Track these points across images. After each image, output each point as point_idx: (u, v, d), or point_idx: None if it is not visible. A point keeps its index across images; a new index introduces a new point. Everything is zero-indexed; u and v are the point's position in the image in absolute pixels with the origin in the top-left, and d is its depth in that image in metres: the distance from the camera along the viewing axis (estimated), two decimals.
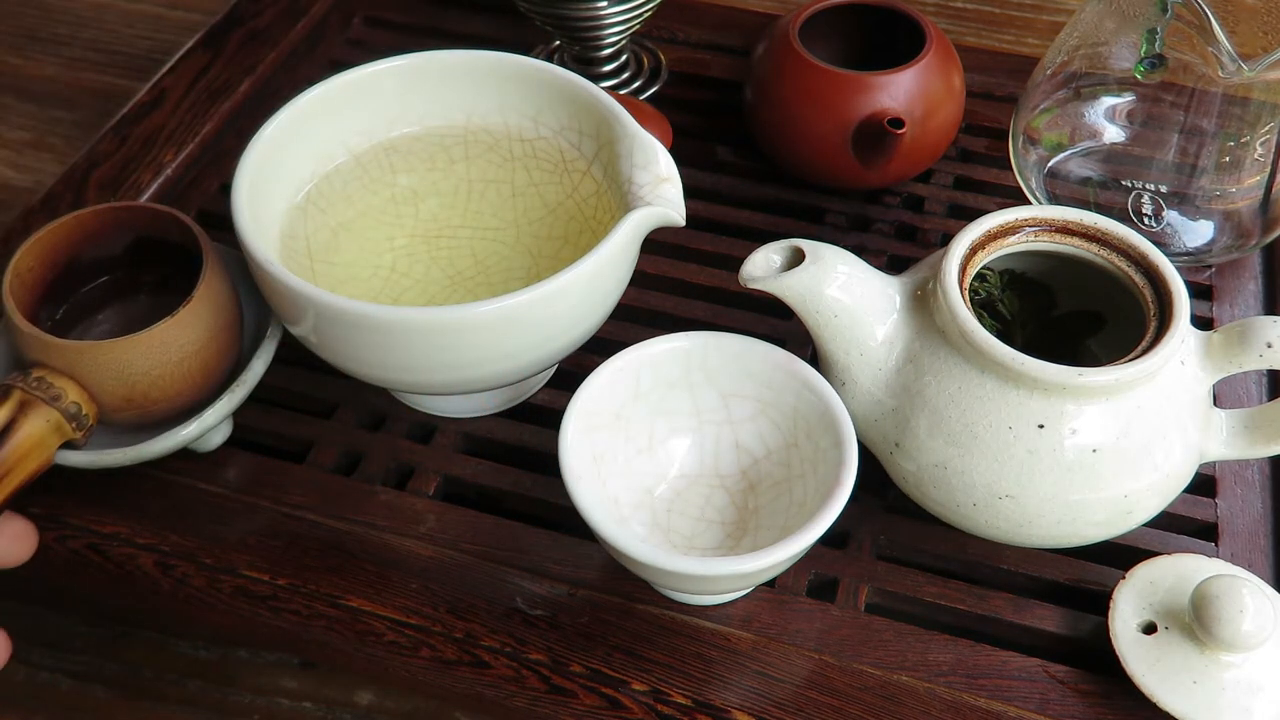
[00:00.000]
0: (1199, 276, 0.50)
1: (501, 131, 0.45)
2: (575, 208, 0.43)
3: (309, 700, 0.42)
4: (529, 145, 0.44)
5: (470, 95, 0.44)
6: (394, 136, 0.45)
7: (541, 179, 0.44)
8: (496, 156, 0.45)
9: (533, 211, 0.44)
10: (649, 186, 0.38)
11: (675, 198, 0.38)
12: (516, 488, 0.42)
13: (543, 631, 0.38)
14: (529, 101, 0.44)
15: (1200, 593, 0.35)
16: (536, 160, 0.44)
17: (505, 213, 0.44)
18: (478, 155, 0.45)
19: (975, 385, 0.36)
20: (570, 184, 0.44)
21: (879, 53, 0.53)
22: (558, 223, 0.43)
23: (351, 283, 0.42)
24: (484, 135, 0.45)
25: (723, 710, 0.36)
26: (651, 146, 0.39)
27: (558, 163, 0.44)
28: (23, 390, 0.37)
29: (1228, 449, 0.38)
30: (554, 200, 0.44)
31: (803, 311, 0.38)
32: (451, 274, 0.43)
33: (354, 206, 0.44)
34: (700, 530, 0.39)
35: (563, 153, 0.44)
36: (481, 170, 0.45)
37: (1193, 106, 0.46)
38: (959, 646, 0.38)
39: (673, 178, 0.38)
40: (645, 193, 0.37)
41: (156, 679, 0.43)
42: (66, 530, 0.41)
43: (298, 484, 0.42)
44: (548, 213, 0.44)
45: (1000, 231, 0.39)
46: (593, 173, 0.43)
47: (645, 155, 0.39)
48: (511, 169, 0.45)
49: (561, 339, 0.38)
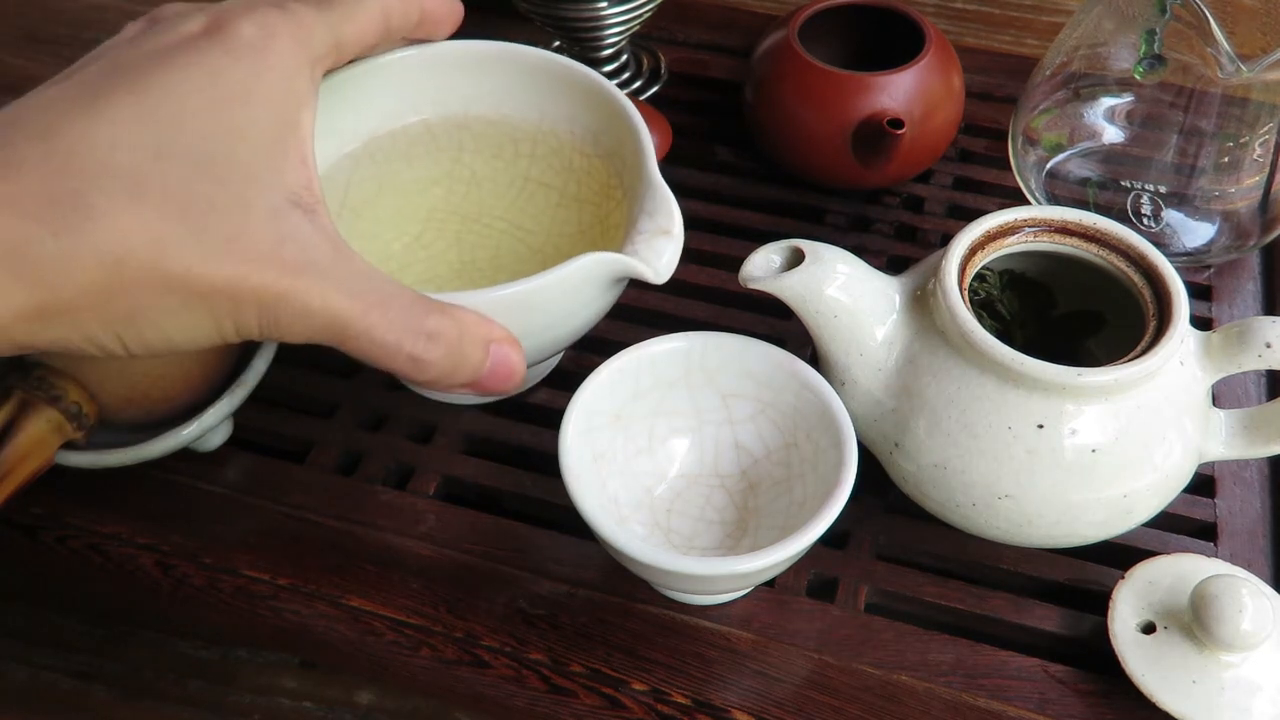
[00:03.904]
0: (1198, 277, 0.50)
1: (569, 142, 0.44)
2: (601, 235, 0.43)
3: (309, 700, 0.42)
4: (588, 161, 0.44)
5: (548, 99, 0.44)
6: (470, 115, 0.44)
7: (587, 196, 0.44)
8: (558, 163, 0.45)
9: (567, 226, 0.44)
10: (646, 235, 0.36)
11: (664, 253, 0.36)
12: (516, 488, 0.42)
13: (543, 631, 0.38)
14: (596, 119, 0.43)
15: (1199, 592, 0.35)
16: (590, 178, 0.44)
17: (544, 219, 0.45)
18: (542, 156, 0.45)
19: (975, 385, 0.36)
20: (605, 210, 0.43)
21: (879, 53, 0.53)
22: (581, 243, 0.43)
23: (369, 239, 0.42)
24: (552, 139, 0.44)
25: (723, 710, 0.36)
26: (667, 199, 0.37)
27: (604, 185, 0.43)
28: (24, 390, 0.37)
29: (1227, 449, 0.38)
30: (586, 221, 0.44)
31: (802, 312, 0.38)
32: (465, 260, 0.43)
33: (412, 170, 0.44)
34: (700, 530, 0.39)
35: (608, 180, 0.43)
36: (541, 172, 0.45)
37: (1192, 107, 0.46)
38: (959, 646, 0.38)
39: (674, 234, 0.36)
40: (639, 240, 0.36)
41: (156, 679, 0.43)
42: (67, 530, 0.41)
43: (298, 484, 0.42)
44: (577, 232, 0.44)
45: (1000, 232, 0.39)
46: (621, 209, 0.42)
47: (656, 203, 0.37)
48: (566, 179, 0.44)
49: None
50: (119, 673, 0.43)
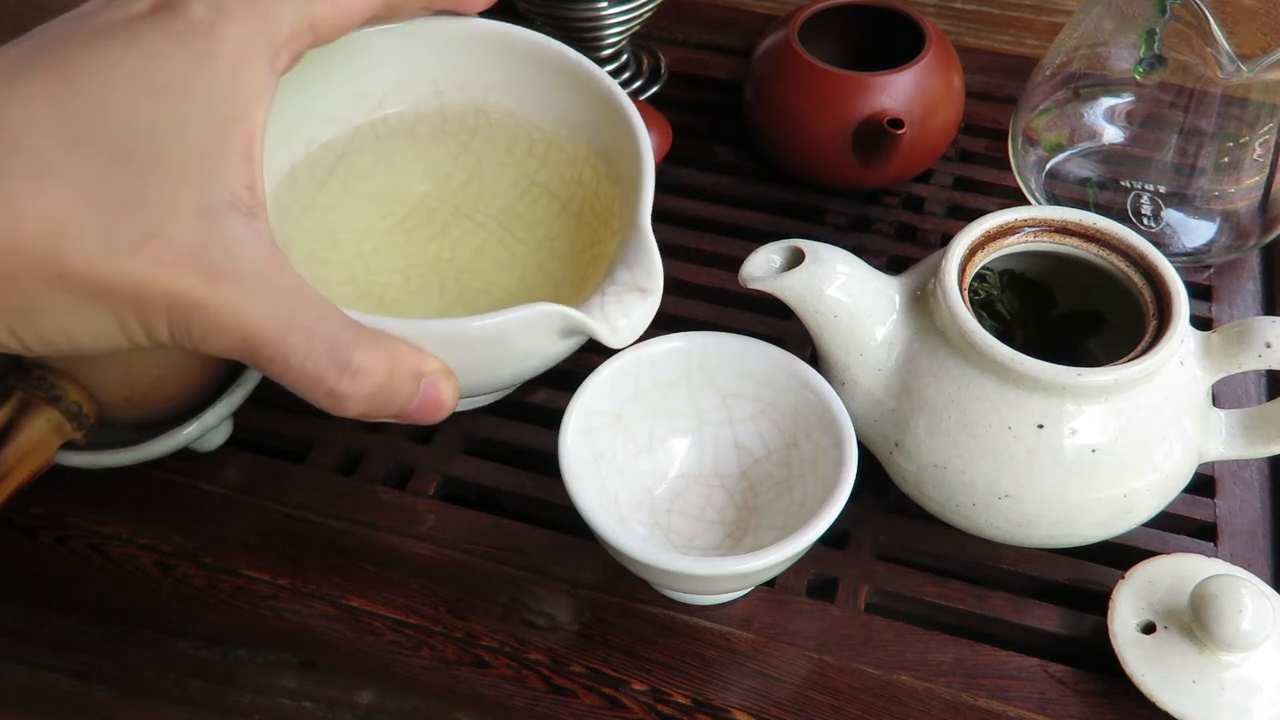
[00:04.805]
0: (1198, 277, 0.50)
1: (584, 155, 0.42)
2: (590, 262, 0.41)
3: (309, 700, 0.42)
4: (599, 181, 0.41)
5: (571, 105, 0.41)
6: (489, 101, 0.42)
7: (588, 217, 0.42)
8: (569, 173, 0.42)
9: (559, 243, 0.42)
10: (619, 289, 0.33)
11: (632, 312, 0.33)
12: (516, 488, 0.42)
13: (543, 631, 0.38)
14: (613, 139, 0.40)
15: (1199, 592, 0.35)
16: (597, 199, 0.42)
17: (538, 230, 0.43)
18: (554, 163, 0.43)
19: (975, 385, 0.36)
20: (601, 236, 0.41)
21: (879, 53, 0.53)
22: (568, 266, 0.41)
23: (350, 215, 0.41)
24: (569, 148, 0.42)
25: (723, 710, 0.36)
26: (651, 253, 0.35)
27: (607, 210, 0.41)
28: (24, 390, 0.37)
29: (1227, 449, 0.38)
30: (580, 243, 0.42)
31: (802, 312, 0.38)
32: (445, 256, 0.41)
33: (414, 149, 0.42)
34: (700, 530, 0.39)
35: (613, 206, 0.41)
36: (549, 178, 0.43)
37: (1192, 107, 0.46)
38: (959, 646, 0.38)
39: (650, 292, 0.33)
40: (610, 292, 0.33)
41: (156, 679, 0.43)
42: (67, 530, 0.41)
43: (298, 484, 0.42)
44: (568, 252, 0.42)
45: (1000, 232, 0.39)
46: (615, 242, 0.39)
47: (639, 254, 0.34)
48: (572, 192, 0.42)
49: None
50: (119, 673, 0.43)
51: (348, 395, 0.27)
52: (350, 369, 0.27)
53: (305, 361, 0.27)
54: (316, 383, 0.27)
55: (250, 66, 0.27)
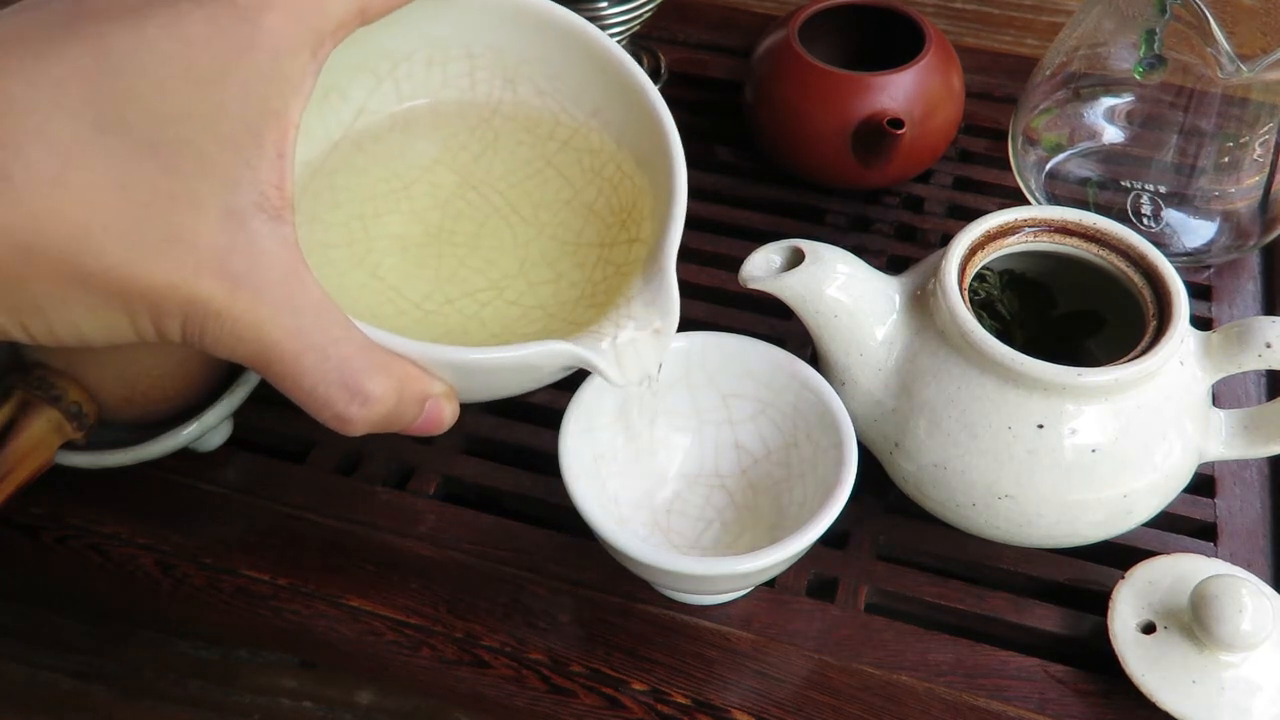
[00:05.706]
0: (1198, 277, 0.50)
1: (612, 152, 0.40)
2: (596, 266, 0.40)
3: (309, 700, 0.42)
4: (624, 179, 0.40)
5: (605, 103, 0.40)
6: (520, 76, 0.41)
7: (602, 212, 0.41)
8: (589, 163, 0.41)
9: (565, 232, 0.40)
10: (634, 325, 0.33)
11: (644, 354, 0.33)
12: (516, 488, 0.42)
13: (543, 631, 0.38)
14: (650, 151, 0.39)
15: (1199, 592, 0.35)
16: (616, 195, 0.40)
17: (544, 213, 0.41)
18: (575, 150, 0.41)
19: (975, 385, 0.36)
20: (614, 237, 0.40)
21: (879, 53, 0.53)
22: (570, 263, 0.40)
23: (357, 175, 0.40)
24: (594, 139, 0.41)
25: (723, 710, 0.36)
26: (670, 292, 0.34)
27: (628, 212, 0.40)
28: (24, 390, 0.37)
29: (1227, 449, 0.38)
30: (588, 238, 0.40)
31: (802, 312, 0.38)
32: (446, 227, 0.40)
33: (434, 114, 0.41)
34: (700, 530, 0.39)
35: (635, 209, 0.40)
36: (566, 163, 0.41)
37: (1192, 107, 0.46)
38: (959, 646, 0.38)
39: (664, 333, 0.33)
40: (627, 327, 0.33)
41: (156, 679, 0.43)
42: (67, 530, 0.41)
43: (298, 484, 0.42)
44: (574, 244, 0.40)
45: (999, 232, 0.39)
46: (634, 251, 0.39)
47: (658, 291, 0.34)
48: (588, 181, 0.41)
49: None
50: (119, 673, 0.43)
51: (355, 420, 0.27)
52: (361, 396, 0.27)
53: (317, 385, 0.26)
54: (325, 405, 0.27)
55: (292, 57, 0.26)
